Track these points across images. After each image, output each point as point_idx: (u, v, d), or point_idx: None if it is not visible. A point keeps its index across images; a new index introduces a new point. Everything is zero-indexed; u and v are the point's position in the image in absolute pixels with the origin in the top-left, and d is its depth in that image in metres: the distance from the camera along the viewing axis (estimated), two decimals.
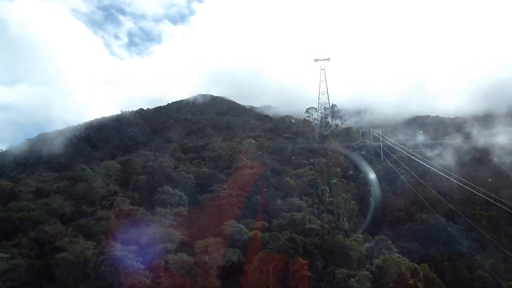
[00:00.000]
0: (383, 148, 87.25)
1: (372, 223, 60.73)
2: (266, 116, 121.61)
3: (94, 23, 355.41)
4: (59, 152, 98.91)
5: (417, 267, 43.80)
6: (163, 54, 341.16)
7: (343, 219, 58.05)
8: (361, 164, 76.86)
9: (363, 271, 43.41)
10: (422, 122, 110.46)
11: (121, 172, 63.05)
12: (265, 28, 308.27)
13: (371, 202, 63.84)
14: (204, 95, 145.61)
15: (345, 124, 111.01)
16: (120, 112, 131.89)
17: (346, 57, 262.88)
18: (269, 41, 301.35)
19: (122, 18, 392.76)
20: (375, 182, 68.93)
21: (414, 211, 63.53)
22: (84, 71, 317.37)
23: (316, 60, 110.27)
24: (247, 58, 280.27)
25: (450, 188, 66.64)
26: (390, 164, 79.78)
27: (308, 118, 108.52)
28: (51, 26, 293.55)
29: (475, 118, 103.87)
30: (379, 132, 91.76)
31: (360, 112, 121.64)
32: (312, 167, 72.41)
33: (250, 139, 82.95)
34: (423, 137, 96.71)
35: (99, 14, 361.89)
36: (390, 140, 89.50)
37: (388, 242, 51.44)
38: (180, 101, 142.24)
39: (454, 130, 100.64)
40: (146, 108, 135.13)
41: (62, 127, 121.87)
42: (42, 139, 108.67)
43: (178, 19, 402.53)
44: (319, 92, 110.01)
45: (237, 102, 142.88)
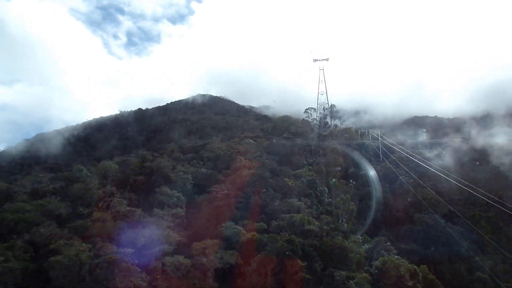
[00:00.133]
0: (382, 148, 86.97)
1: (371, 224, 60.40)
2: (265, 116, 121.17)
3: (93, 23, 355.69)
4: (57, 152, 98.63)
5: (416, 268, 43.49)
6: (162, 54, 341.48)
7: (342, 220, 57.63)
8: (361, 162, 76.51)
9: (362, 273, 43.11)
10: (421, 123, 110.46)
11: (118, 172, 62.41)
12: (264, 28, 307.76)
13: (372, 203, 63.44)
14: (203, 95, 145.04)
15: (344, 124, 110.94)
16: (118, 112, 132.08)
17: (345, 57, 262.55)
18: (268, 41, 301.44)
19: (121, 17, 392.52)
20: (375, 180, 68.53)
21: (413, 212, 63.18)
22: (83, 71, 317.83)
23: (315, 60, 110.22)
24: (246, 58, 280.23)
25: (449, 189, 66.20)
26: (389, 164, 79.43)
27: (307, 118, 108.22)
28: (50, 26, 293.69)
29: (474, 119, 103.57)
30: (378, 133, 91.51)
31: (359, 112, 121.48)
32: (311, 168, 72.04)
33: (249, 139, 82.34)
34: (425, 136, 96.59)
35: (98, 14, 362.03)
36: (389, 140, 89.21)
37: (387, 243, 51.20)
38: (179, 101, 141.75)
39: (453, 130, 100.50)
40: (145, 108, 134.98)
41: (60, 127, 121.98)
42: (40, 139, 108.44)
43: (177, 19, 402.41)
44: (318, 92, 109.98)
45: (236, 102, 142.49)
